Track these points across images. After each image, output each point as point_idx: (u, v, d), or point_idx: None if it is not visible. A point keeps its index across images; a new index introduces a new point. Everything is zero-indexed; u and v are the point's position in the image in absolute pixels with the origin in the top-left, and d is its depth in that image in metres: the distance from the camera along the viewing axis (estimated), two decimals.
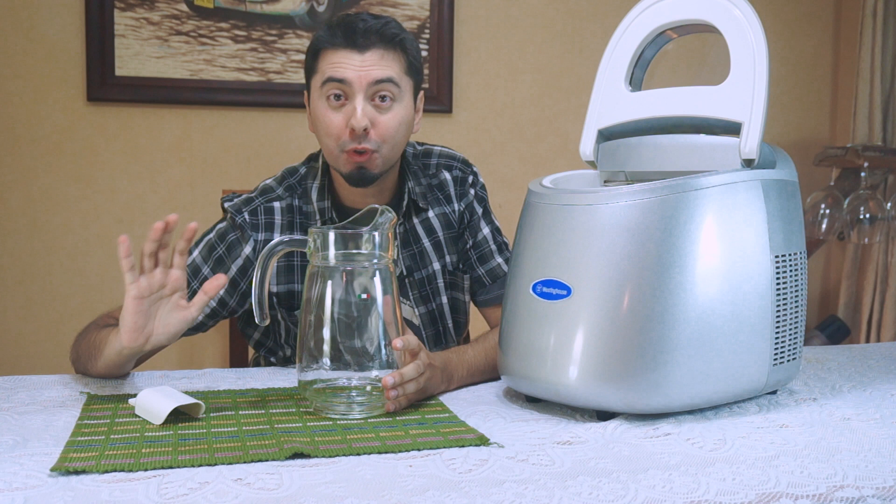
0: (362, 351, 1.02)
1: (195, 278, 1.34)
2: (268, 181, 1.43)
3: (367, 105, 1.29)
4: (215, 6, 2.28)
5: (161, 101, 2.27)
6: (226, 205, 1.39)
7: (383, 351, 1.02)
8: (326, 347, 1.01)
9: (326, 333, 1.01)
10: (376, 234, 1.03)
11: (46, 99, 2.22)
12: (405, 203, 1.41)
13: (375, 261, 1.03)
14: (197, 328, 1.34)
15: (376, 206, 1.07)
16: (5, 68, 2.20)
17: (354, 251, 1.02)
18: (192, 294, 1.28)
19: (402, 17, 2.39)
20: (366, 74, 1.28)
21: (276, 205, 1.38)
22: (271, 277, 1.37)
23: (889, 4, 2.62)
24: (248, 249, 1.36)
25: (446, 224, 1.46)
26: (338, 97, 1.30)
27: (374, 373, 1.03)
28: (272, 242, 1.05)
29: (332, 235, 1.02)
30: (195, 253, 1.36)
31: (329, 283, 1.02)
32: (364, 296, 1.02)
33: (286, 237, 1.06)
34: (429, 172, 1.48)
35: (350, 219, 1.09)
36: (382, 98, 1.30)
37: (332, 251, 1.02)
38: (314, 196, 1.39)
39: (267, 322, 1.07)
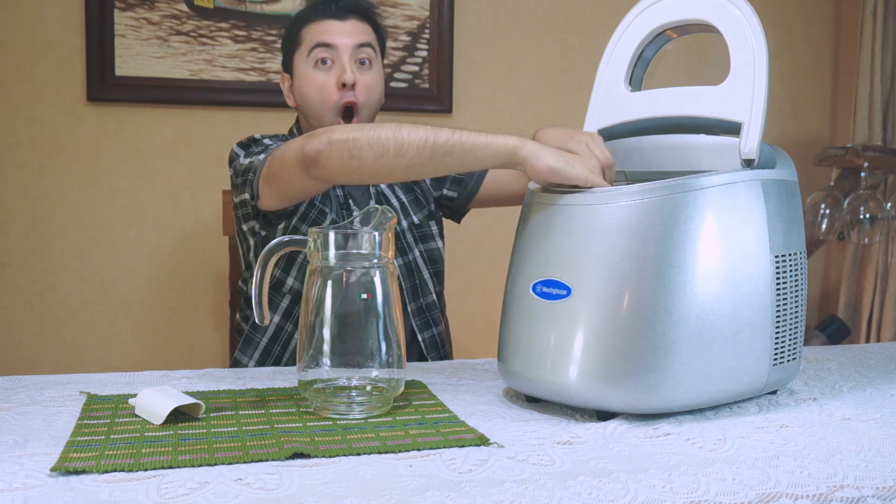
0: (362, 351, 1.02)
1: (266, 152, 1.38)
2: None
3: (352, 63, 1.48)
4: (215, 6, 2.28)
5: (161, 101, 2.28)
6: (262, 137, 1.50)
7: (383, 350, 1.02)
8: (326, 347, 1.01)
9: (326, 333, 1.01)
10: (377, 233, 1.03)
11: (46, 99, 2.22)
12: None
13: (376, 261, 1.03)
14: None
15: (376, 206, 1.07)
16: (5, 68, 2.20)
17: (354, 251, 1.02)
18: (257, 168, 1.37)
19: (402, 16, 2.40)
20: (349, 39, 1.48)
21: None
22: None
23: (889, 4, 2.62)
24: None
25: (405, 188, 1.61)
26: (324, 61, 1.48)
27: (375, 372, 1.03)
28: (272, 242, 1.05)
29: (332, 235, 1.02)
30: (266, 140, 1.45)
31: (329, 282, 1.02)
32: (364, 296, 1.02)
33: (286, 237, 1.07)
34: None
35: (350, 219, 1.10)
36: (362, 62, 1.49)
37: (332, 251, 1.02)
38: None
39: (267, 322, 1.07)
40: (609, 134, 1.17)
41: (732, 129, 1.05)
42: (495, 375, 1.24)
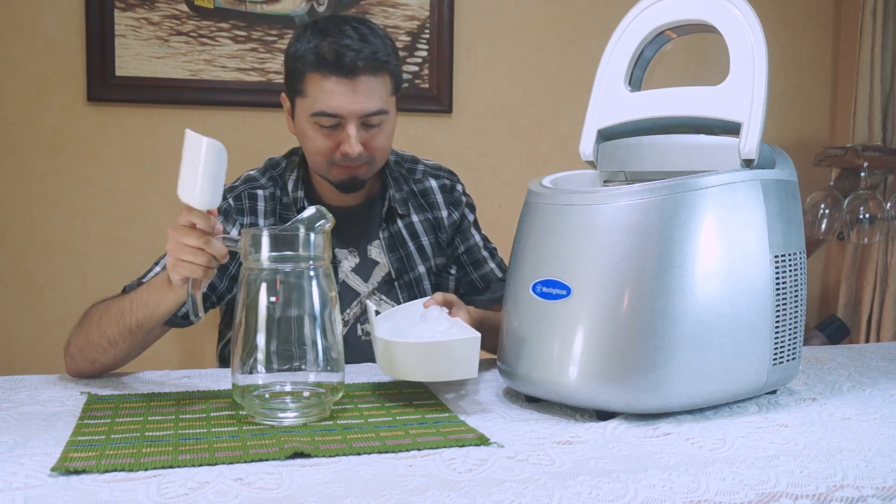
0: (298, 355, 0.97)
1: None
2: (251, 172, 1.48)
3: (359, 130, 1.33)
4: (215, 6, 2.28)
5: (161, 101, 2.27)
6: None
7: (320, 355, 0.98)
8: (261, 354, 0.96)
9: (261, 339, 0.96)
10: (312, 234, 0.98)
11: (46, 99, 2.22)
12: (385, 209, 1.47)
13: (311, 262, 0.98)
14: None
15: (316, 206, 1.05)
16: (5, 68, 2.20)
17: (290, 253, 0.97)
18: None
19: (402, 16, 2.40)
20: (359, 108, 1.31)
21: (260, 192, 1.44)
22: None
23: (889, 4, 2.62)
24: (233, 233, 1.40)
25: (431, 229, 1.51)
26: (330, 126, 1.32)
27: (312, 377, 0.99)
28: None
29: (265, 236, 0.97)
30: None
31: (263, 284, 0.97)
32: (273, 299, 0.97)
33: (218, 236, 1.04)
34: (414, 177, 1.53)
35: (291, 221, 1.06)
36: (373, 125, 1.34)
37: (265, 252, 0.97)
38: (290, 187, 1.44)
39: (200, 319, 1.05)
40: (609, 134, 1.18)
41: (732, 129, 1.05)
42: (495, 375, 1.24)
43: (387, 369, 1.09)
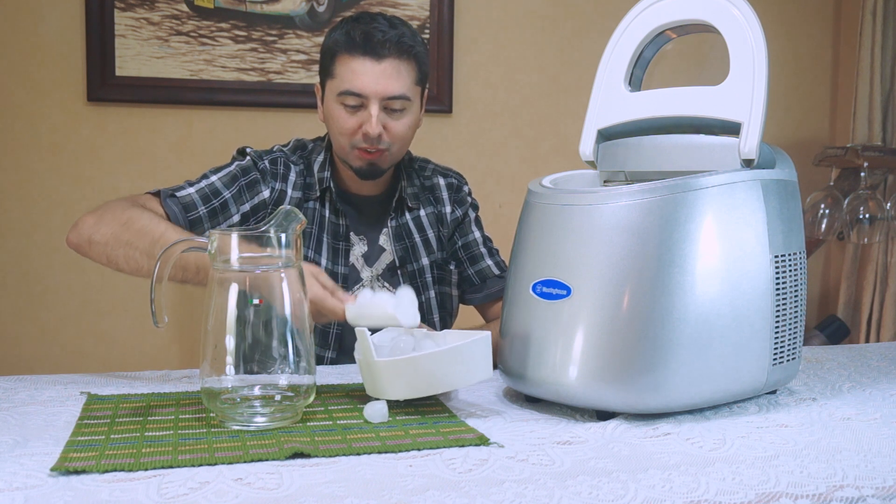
0: (268, 358, 0.96)
1: (215, 198, 1.40)
2: (283, 148, 1.51)
3: (381, 112, 1.40)
4: (215, 6, 2.28)
5: (161, 101, 2.28)
6: (247, 150, 1.47)
7: (291, 357, 0.96)
8: (230, 357, 0.94)
9: (230, 342, 0.94)
10: (283, 234, 0.96)
11: (46, 99, 2.22)
12: (396, 199, 1.52)
13: (281, 263, 0.96)
14: None
15: (287, 206, 1.04)
16: (5, 68, 2.20)
17: (259, 254, 0.96)
18: (209, 212, 1.40)
19: (402, 17, 2.39)
20: (382, 89, 1.38)
21: (293, 166, 1.49)
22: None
23: (889, 4, 2.62)
24: (266, 193, 1.45)
25: (437, 222, 1.56)
26: (354, 106, 1.40)
27: (283, 380, 0.97)
28: (171, 242, 1.00)
29: (234, 237, 0.95)
30: (213, 178, 1.42)
31: (232, 286, 0.95)
32: (257, 301, 0.95)
33: (187, 237, 1.03)
34: (424, 174, 1.59)
35: (264, 221, 1.05)
36: (395, 109, 1.41)
37: (234, 254, 0.96)
38: (316, 167, 1.49)
39: (163, 326, 1.02)
40: (609, 134, 1.18)
41: (732, 129, 1.05)
42: (495, 375, 1.24)
43: (395, 391, 1.03)
